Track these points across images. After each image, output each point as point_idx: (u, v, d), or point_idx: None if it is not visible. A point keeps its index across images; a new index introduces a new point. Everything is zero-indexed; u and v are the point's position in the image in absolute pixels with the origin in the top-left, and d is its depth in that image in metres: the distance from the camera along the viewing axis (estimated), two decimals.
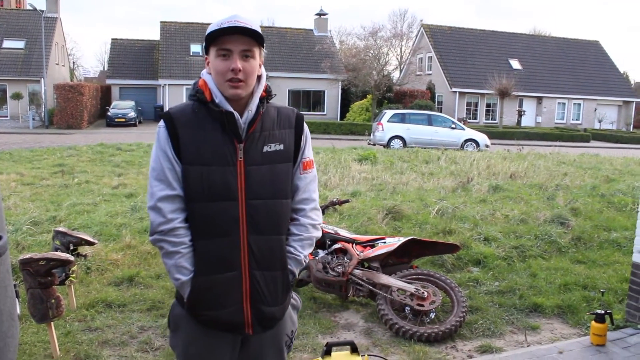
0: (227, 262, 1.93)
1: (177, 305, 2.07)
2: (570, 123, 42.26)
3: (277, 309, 2.03)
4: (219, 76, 1.92)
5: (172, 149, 1.92)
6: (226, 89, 1.92)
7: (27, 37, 34.97)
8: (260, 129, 1.98)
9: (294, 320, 2.18)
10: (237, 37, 1.89)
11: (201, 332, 2.00)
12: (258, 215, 1.95)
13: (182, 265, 1.93)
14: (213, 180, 1.90)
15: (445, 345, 4.14)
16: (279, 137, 2.02)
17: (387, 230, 6.79)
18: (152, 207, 1.94)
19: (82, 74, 64.40)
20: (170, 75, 34.88)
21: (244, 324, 1.98)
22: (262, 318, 2.00)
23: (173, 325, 2.08)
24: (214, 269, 1.93)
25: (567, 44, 45.66)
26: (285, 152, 2.02)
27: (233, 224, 1.92)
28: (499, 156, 16.01)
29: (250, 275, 1.95)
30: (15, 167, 12.46)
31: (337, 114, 38.25)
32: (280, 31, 41.47)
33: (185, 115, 1.96)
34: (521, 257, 6.12)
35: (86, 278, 5.19)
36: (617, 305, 4.85)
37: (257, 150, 1.96)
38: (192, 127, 1.93)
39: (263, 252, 1.96)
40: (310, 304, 4.81)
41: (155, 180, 1.93)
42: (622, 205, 8.67)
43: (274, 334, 2.08)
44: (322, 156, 14.34)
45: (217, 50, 1.92)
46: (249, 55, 1.92)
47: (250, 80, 1.94)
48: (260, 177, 1.95)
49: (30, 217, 6.81)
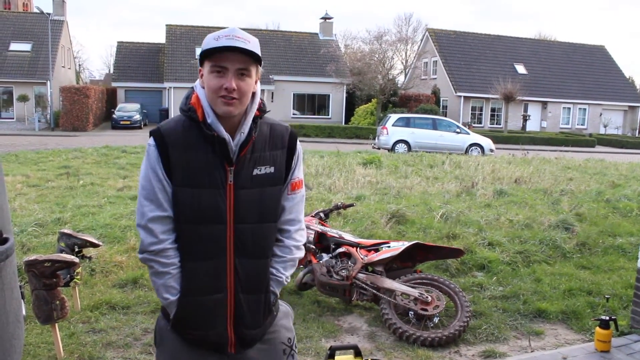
0: (214, 285, 1.92)
1: (162, 319, 2.05)
2: (576, 128, 42.15)
3: (257, 332, 2.02)
4: (211, 92, 1.87)
5: (162, 169, 1.89)
6: (219, 105, 1.87)
7: (33, 40, 35.17)
8: (251, 150, 1.94)
9: (288, 328, 2.15)
10: (234, 55, 1.84)
11: (186, 348, 2.00)
12: (246, 239, 1.93)
13: (170, 285, 1.93)
14: (203, 203, 1.88)
15: (449, 350, 4.13)
16: (270, 159, 1.97)
17: (391, 235, 6.78)
18: (142, 227, 1.91)
19: (88, 76, 64.69)
20: (175, 78, 34.97)
21: (228, 344, 1.98)
22: (244, 340, 1.99)
23: (158, 339, 2.06)
24: (201, 290, 1.92)
25: (573, 48, 45.58)
26: (276, 174, 1.99)
27: (221, 248, 1.91)
28: (504, 161, 15.98)
29: (235, 298, 1.94)
30: (21, 169, 12.50)
31: (342, 118, 38.27)
32: (286, 35, 41.57)
33: (176, 134, 1.91)
34: (525, 262, 6.11)
35: (90, 280, 5.20)
36: (621, 312, 4.83)
37: (247, 174, 1.93)
38: (183, 147, 1.89)
39: (249, 276, 1.95)
40: (314, 308, 4.81)
41: (145, 200, 1.90)
42: (628, 210, 8.64)
43: (268, 348, 2.06)
44: (327, 160, 14.33)
45: (211, 66, 1.86)
46: (245, 74, 1.87)
47: (244, 99, 1.89)
48: (250, 201, 1.93)
49: (36, 219, 6.83)
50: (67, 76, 40.12)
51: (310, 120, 35.83)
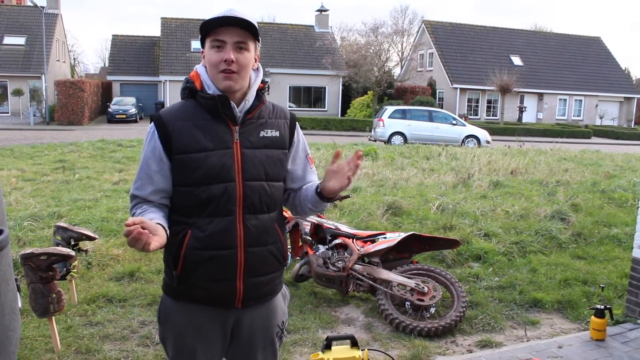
0: (225, 240, 1.94)
1: (166, 298, 2.08)
2: (572, 119, 42.19)
3: (267, 278, 2.06)
4: (212, 68, 1.94)
5: (161, 146, 1.94)
6: (219, 80, 1.93)
7: (27, 34, 34.92)
8: (257, 117, 2.03)
9: (284, 311, 2.21)
10: (232, 29, 1.91)
11: (191, 325, 2.02)
12: (254, 196, 1.97)
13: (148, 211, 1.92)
14: (211, 163, 1.92)
15: (446, 340, 4.15)
16: (275, 125, 2.06)
17: (388, 226, 6.80)
18: (132, 195, 2.00)
19: (83, 70, 64.37)
20: (171, 72, 34.81)
21: (235, 299, 2.00)
22: (253, 291, 2.02)
23: (163, 318, 2.09)
24: (211, 246, 1.94)
25: (568, 40, 45.53)
26: (280, 138, 2.06)
27: (231, 205, 1.94)
28: (500, 152, 16.00)
29: (245, 253, 1.97)
30: (16, 163, 12.47)
31: (338, 110, 38.21)
32: (281, 27, 41.38)
33: (175, 111, 1.99)
34: (521, 253, 6.13)
35: (87, 273, 5.20)
36: (616, 301, 4.86)
37: (254, 135, 2.00)
38: (183, 119, 1.96)
39: (258, 231, 1.99)
40: (311, 299, 4.82)
41: (140, 180, 1.98)
42: (623, 201, 8.67)
43: (264, 324, 2.10)
44: (323, 152, 14.32)
45: (211, 41, 1.93)
46: (243, 48, 1.93)
47: (243, 72, 1.94)
48: (257, 160, 1.98)
49: (32, 213, 6.82)
50: (62, 70, 39.88)
51: (306, 113, 35.76)
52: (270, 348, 2.15)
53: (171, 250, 1.97)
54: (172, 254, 1.98)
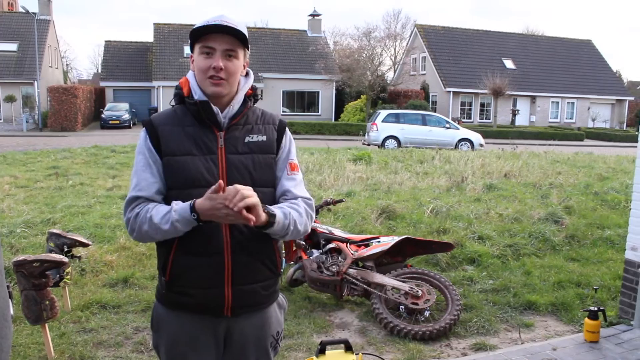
0: (210, 246, 1.92)
1: (158, 305, 2.07)
2: (564, 122, 42.38)
3: (258, 287, 2.02)
4: (200, 73, 1.95)
5: (153, 148, 1.95)
6: (207, 86, 1.94)
7: (20, 40, 34.83)
8: (243, 122, 2.02)
9: (279, 321, 2.17)
10: (221, 36, 1.91)
11: (183, 333, 2.00)
12: None
13: (162, 210, 1.88)
14: (196, 167, 1.92)
15: (440, 344, 4.16)
16: (262, 130, 2.05)
17: (382, 230, 6.80)
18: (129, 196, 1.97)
19: (76, 76, 64.16)
20: (164, 77, 34.75)
21: (224, 307, 1.97)
22: (242, 299, 1.98)
23: (155, 325, 2.08)
24: (197, 251, 1.92)
25: (560, 43, 45.77)
26: (267, 142, 2.03)
27: None
28: (493, 155, 16.05)
29: (232, 259, 1.94)
30: (9, 169, 12.41)
31: (331, 115, 38.23)
32: (274, 32, 41.41)
33: (164, 116, 2.02)
34: (515, 256, 6.15)
35: (81, 280, 5.18)
36: (610, 302, 4.88)
37: (239, 140, 1.99)
38: (171, 123, 1.98)
39: (245, 237, 1.96)
40: (305, 304, 4.82)
41: (141, 182, 1.95)
42: (616, 203, 8.71)
43: (257, 334, 2.07)
44: (317, 156, 14.33)
45: (200, 47, 1.94)
46: (232, 55, 1.94)
47: (232, 79, 1.96)
48: (242, 166, 1.96)
49: (25, 220, 6.79)
50: (54, 76, 39.77)
51: (299, 118, 35.75)
52: (264, 358, 2.12)
53: (161, 255, 1.98)
54: (162, 260, 1.98)
